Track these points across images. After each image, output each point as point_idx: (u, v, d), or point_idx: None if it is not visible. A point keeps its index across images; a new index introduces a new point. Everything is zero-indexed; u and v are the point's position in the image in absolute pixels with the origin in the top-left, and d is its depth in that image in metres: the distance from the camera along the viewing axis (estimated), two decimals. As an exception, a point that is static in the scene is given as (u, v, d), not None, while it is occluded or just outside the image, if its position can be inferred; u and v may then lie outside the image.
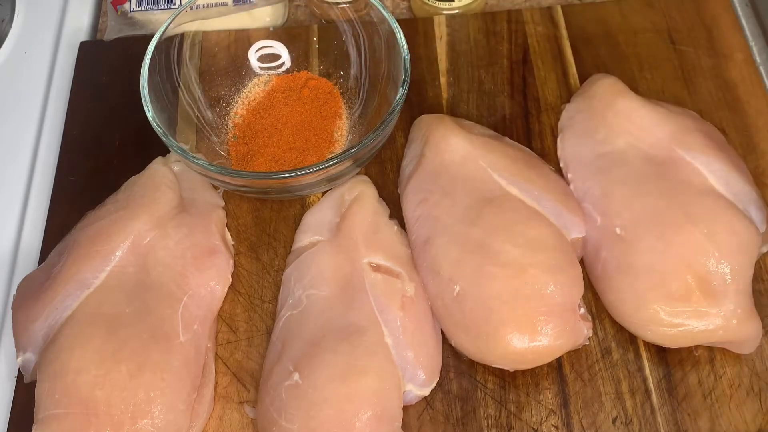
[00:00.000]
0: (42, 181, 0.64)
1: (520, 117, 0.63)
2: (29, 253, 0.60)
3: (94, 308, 0.51)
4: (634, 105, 0.58)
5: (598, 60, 0.66)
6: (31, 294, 0.53)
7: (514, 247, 0.52)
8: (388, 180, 0.60)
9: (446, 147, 0.57)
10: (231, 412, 0.52)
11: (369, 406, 0.48)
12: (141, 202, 0.55)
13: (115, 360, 0.48)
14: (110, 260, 0.53)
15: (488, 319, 0.50)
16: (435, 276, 0.53)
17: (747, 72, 0.64)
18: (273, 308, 0.56)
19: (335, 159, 0.53)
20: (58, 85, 0.68)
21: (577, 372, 0.52)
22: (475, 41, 0.67)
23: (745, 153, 0.60)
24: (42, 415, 0.48)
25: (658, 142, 0.56)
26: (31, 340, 0.52)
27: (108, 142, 0.64)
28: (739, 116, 0.62)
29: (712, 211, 0.53)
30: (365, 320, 0.51)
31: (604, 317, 0.54)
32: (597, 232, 0.55)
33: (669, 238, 0.52)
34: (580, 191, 0.57)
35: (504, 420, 0.51)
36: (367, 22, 0.60)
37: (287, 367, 0.50)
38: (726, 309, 0.50)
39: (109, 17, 0.71)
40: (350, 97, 0.63)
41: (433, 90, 0.65)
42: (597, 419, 0.51)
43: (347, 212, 0.56)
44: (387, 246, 0.55)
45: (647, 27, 0.67)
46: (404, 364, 0.50)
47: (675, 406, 0.51)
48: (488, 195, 0.55)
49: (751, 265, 0.52)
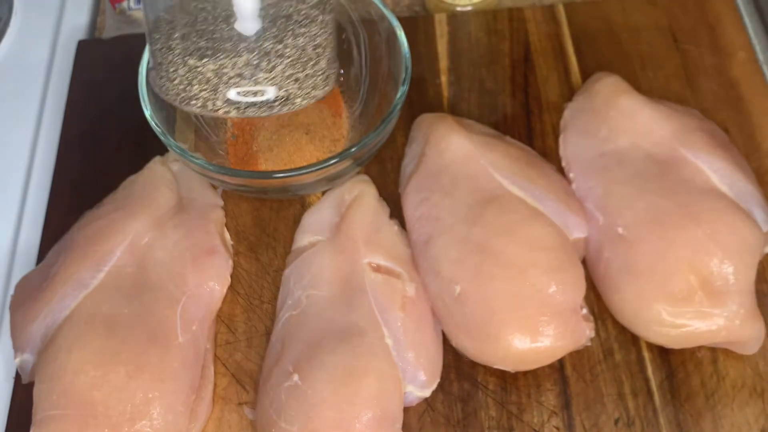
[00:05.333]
0: (40, 180, 0.63)
1: (521, 116, 0.63)
2: (27, 253, 0.60)
3: (92, 309, 0.51)
4: (637, 104, 0.58)
5: (600, 58, 0.65)
6: (29, 294, 0.53)
7: (515, 247, 0.52)
8: (388, 179, 0.60)
9: (447, 146, 0.57)
10: (230, 413, 0.52)
11: (369, 407, 0.47)
12: (139, 201, 0.55)
13: (114, 361, 0.48)
14: (108, 260, 0.52)
15: (489, 319, 0.50)
16: (436, 276, 0.53)
17: (750, 70, 0.64)
18: (272, 309, 0.55)
19: (335, 158, 0.52)
20: (56, 84, 0.68)
21: (579, 373, 0.52)
22: (476, 39, 0.67)
23: (748, 152, 0.60)
24: (40, 416, 0.48)
25: (660, 141, 0.56)
26: (29, 341, 0.52)
27: (106, 141, 0.63)
28: (742, 115, 0.62)
29: (715, 210, 0.52)
30: (365, 321, 0.50)
31: (606, 318, 0.54)
32: (599, 231, 0.54)
33: (671, 238, 0.51)
34: (582, 191, 0.57)
35: (505, 421, 0.51)
36: (367, 21, 0.60)
37: (287, 368, 0.49)
38: (729, 309, 0.50)
39: (107, 15, 0.71)
40: (350, 96, 0.63)
41: (433, 89, 0.65)
42: (599, 420, 0.51)
43: (347, 212, 0.55)
44: (387, 246, 0.54)
45: (650, 25, 0.67)
46: (405, 365, 0.50)
47: (677, 408, 0.51)
48: (489, 194, 0.54)
49: (754, 265, 0.52)
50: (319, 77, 0.41)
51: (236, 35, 0.39)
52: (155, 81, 0.41)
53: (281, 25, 0.39)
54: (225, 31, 0.39)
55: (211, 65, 0.39)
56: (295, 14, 0.40)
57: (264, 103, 0.40)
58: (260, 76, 0.39)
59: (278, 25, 0.39)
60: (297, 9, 0.40)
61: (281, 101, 0.40)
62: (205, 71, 0.39)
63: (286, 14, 0.40)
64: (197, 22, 0.39)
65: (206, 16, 0.39)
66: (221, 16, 0.39)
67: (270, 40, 0.39)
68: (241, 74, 0.39)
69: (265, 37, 0.39)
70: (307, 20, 0.40)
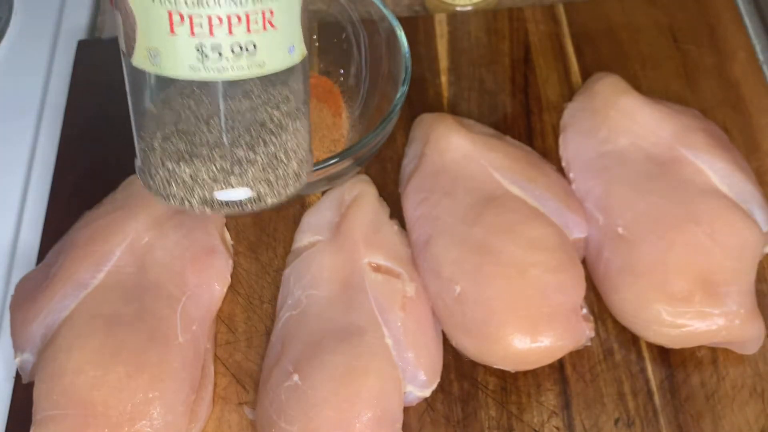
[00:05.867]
0: (40, 180, 0.63)
1: (521, 116, 0.63)
2: (27, 253, 0.60)
3: (92, 309, 0.51)
4: (637, 104, 0.58)
5: (600, 58, 0.65)
6: (29, 294, 0.53)
7: (515, 247, 0.52)
8: (388, 179, 0.60)
9: (447, 146, 0.57)
10: (230, 413, 0.52)
11: (369, 407, 0.47)
12: (139, 201, 0.55)
13: (114, 361, 0.48)
14: (108, 260, 0.52)
15: (489, 319, 0.50)
16: (436, 276, 0.52)
17: (750, 70, 0.64)
18: (272, 309, 0.55)
19: (335, 158, 0.52)
20: (56, 84, 0.68)
21: (579, 373, 0.52)
22: (476, 39, 0.67)
23: (748, 152, 0.60)
24: (40, 416, 0.48)
25: (660, 141, 0.56)
26: (29, 341, 0.51)
27: (106, 141, 0.63)
28: (742, 115, 0.62)
29: (714, 210, 0.52)
30: (365, 321, 0.50)
31: (606, 318, 0.54)
32: (599, 231, 0.54)
33: (671, 238, 0.51)
34: (582, 191, 0.57)
35: (505, 421, 0.51)
36: (367, 20, 0.60)
37: (287, 368, 0.49)
38: (729, 309, 0.50)
39: (107, 15, 0.71)
40: (350, 96, 0.63)
41: (433, 88, 0.65)
42: (599, 420, 0.50)
43: (347, 212, 0.55)
44: (387, 246, 0.54)
45: (650, 25, 0.67)
46: (405, 365, 0.50)
47: (677, 408, 0.51)
48: (489, 194, 0.54)
49: (754, 265, 0.52)
50: (290, 178, 0.43)
51: (213, 141, 0.41)
52: (139, 175, 0.44)
53: (254, 132, 0.41)
54: (204, 133, 0.41)
55: (188, 169, 0.41)
56: (269, 121, 0.41)
57: (236, 203, 0.41)
58: (232, 180, 0.41)
59: (252, 132, 0.41)
60: (270, 115, 0.41)
61: (252, 202, 0.42)
62: (181, 174, 0.41)
63: (260, 121, 0.41)
64: (180, 121, 0.41)
65: (189, 114, 0.41)
66: (202, 117, 0.41)
67: (242, 147, 0.41)
68: (215, 179, 0.41)
69: (239, 143, 0.41)
70: (279, 128, 0.42)
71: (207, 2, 0.37)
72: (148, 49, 0.39)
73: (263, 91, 0.41)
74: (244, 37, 0.38)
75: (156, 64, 0.39)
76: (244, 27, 0.38)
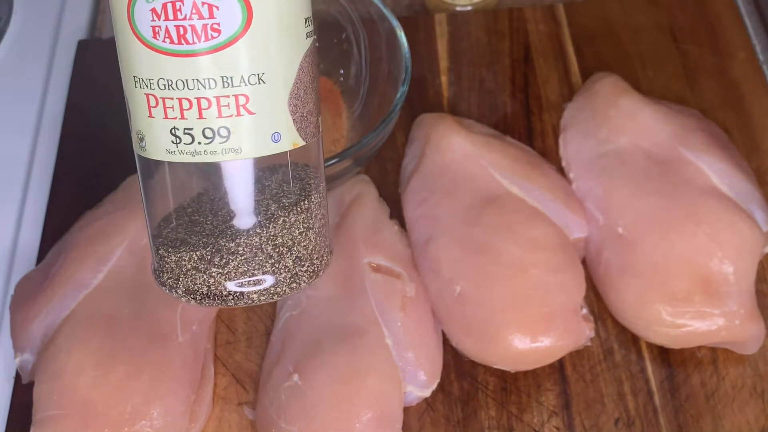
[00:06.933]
0: (40, 180, 0.63)
1: (521, 116, 0.63)
2: (27, 253, 0.60)
3: (92, 309, 0.51)
4: (637, 104, 0.58)
5: (600, 58, 0.65)
6: (29, 294, 0.53)
7: (515, 247, 0.52)
8: (388, 179, 0.60)
9: (447, 146, 0.57)
10: (230, 413, 0.52)
11: (369, 407, 0.47)
12: (139, 202, 0.55)
13: (114, 361, 0.48)
14: (108, 260, 0.52)
15: (489, 319, 0.50)
16: (436, 276, 0.52)
17: (750, 70, 0.64)
18: (272, 309, 0.55)
19: (335, 158, 0.52)
20: (56, 84, 0.68)
21: (579, 373, 0.52)
22: (476, 39, 0.67)
23: (749, 152, 0.60)
24: (40, 416, 0.48)
25: (660, 141, 0.56)
26: (29, 341, 0.51)
27: (106, 141, 0.63)
28: (742, 115, 0.62)
29: (715, 210, 0.52)
30: (365, 321, 0.50)
31: (606, 318, 0.54)
32: (599, 231, 0.54)
33: (671, 238, 0.51)
34: (582, 191, 0.57)
35: (505, 421, 0.51)
36: (367, 20, 0.60)
37: (287, 368, 0.49)
38: (729, 309, 0.50)
39: (107, 15, 0.71)
40: (350, 96, 0.63)
41: (433, 89, 0.65)
42: (599, 420, 0.50)
43: (347, 212, 0.55)
44: (387, 246, 0.54)
45: (650, 25, 0.67)
46: (405, 365, 0.50)
47: (677, 408, 0.51)
48: (489, 194, 0.54)
49: (754, 266, 0.52)
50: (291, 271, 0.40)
51: (203, 229, 0.39)
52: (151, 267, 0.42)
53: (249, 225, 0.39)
54: (206, 223, 0.39)
55: (173, 256, 0.39)
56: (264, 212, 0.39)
57: (217, 296, 0.39)
58: (213, 270, 0.38)
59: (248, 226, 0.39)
60: (267, 206, 0.39)
61: (235, 297, 0.39)
62: (169, 261, 0.39)
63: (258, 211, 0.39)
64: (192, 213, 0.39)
65: (201, 206, 0.39)
66: (216, 209, 0.39)
67: (225, 237, 0.38)
68: (197, 267, 0.39)
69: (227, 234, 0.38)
70: (269, 221, 0.39)
71: (176, 85, 0.36)
72: (137, 133, 0.39)
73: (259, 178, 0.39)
74: (216, 121, 0.36)
75: (143, 147, 0.39)
76: (215, 111, 0.36)
